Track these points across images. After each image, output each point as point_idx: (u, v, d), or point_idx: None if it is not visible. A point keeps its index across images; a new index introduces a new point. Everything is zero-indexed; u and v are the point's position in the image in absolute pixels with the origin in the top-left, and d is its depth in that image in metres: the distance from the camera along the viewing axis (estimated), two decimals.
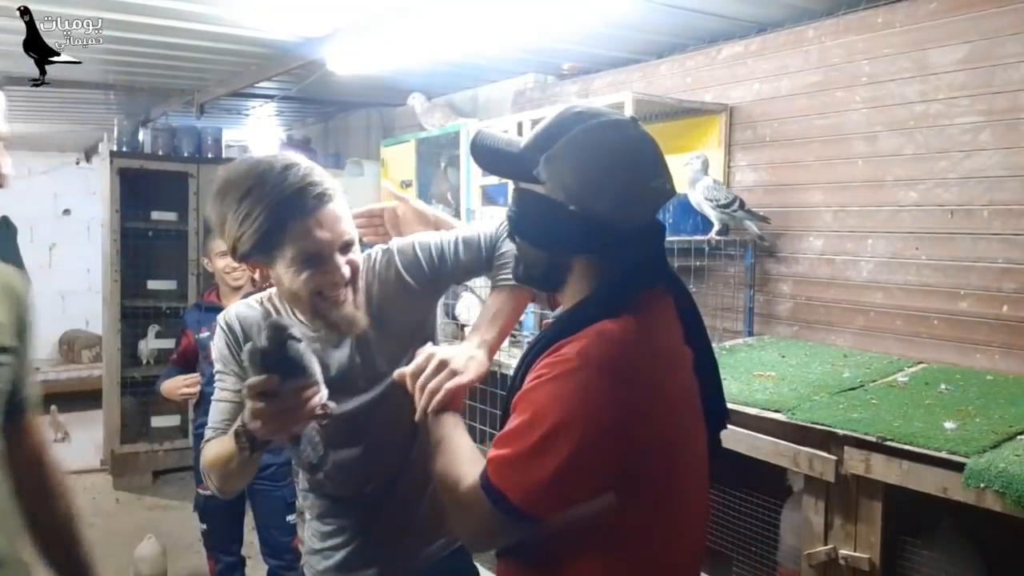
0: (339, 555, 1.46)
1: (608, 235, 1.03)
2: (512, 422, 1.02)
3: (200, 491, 3.00)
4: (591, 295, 1.07)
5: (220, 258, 2.95)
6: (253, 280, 2.97)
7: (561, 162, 1.03)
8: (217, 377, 1.37)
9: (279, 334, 1.11)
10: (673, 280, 1.13)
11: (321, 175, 1.26)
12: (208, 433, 1.35)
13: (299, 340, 1.14)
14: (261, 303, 1.42)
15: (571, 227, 1.03)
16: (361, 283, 1.38)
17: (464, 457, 1.11)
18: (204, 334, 3.00)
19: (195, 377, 2.97)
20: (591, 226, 1.02)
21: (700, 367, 1.12)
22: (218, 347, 1.37)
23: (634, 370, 1.00)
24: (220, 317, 1.41)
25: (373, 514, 1.44)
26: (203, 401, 2.99)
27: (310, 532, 1.52)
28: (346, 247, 1.29)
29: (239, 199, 1.22)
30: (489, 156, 1.12)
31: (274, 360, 1.11)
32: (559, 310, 1.17)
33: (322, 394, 1.18)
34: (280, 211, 1.20)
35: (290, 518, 3.05)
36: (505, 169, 1.15)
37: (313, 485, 1.47)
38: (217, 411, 1.34)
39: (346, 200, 1.31)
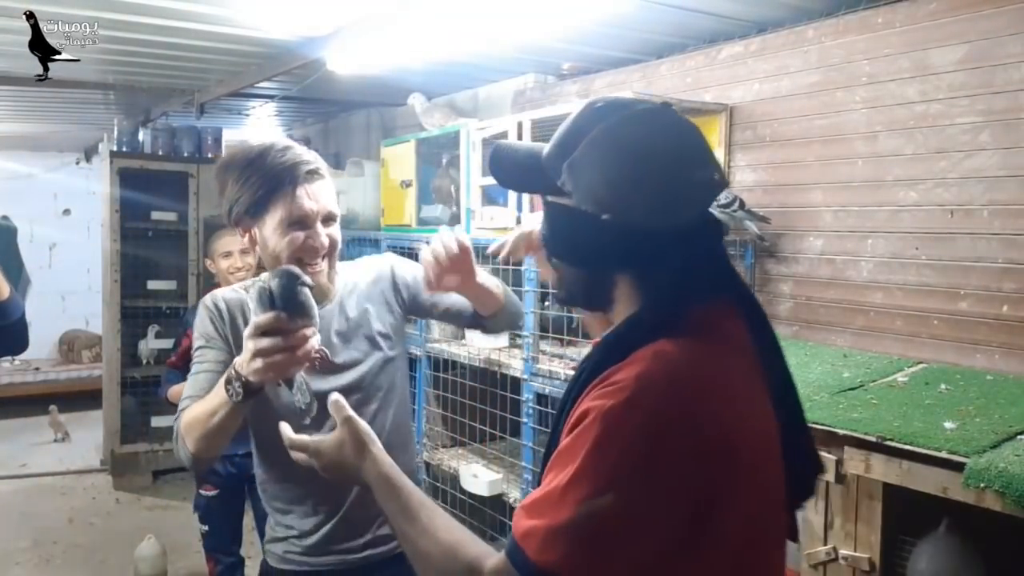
0: (308, 540, 1.52)
1: (650, 243, 0.89)
2: (553, 479, 0.83)
3: (201, 492, 3.00)
4: (638, 312, 0.92)
5: (224, 259, 2.96)
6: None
7: (585, 167, 0.90)
8: (198, 353, 1.46)
9: (291, 276, 1.20)
10: (742, 292, 0.96)
11: (314, 158, 1.46)
12: (186, 403, 1.38)
13: (310, 286, 1.23)
14: (245, 289, 1.51)
15: (606, 239, 0.90)
16: (353, 277, 1.57)
17: (462, 534, 0.94)
18: None
19: None
20: (629, 235, 0.89)
21: (777, 403, 0.93)
22: (201, 324, 1.47)
23: (707, 399, 0.84)
24: (204, 299, 1.51)
25: (337, 498, 1.51)
26: None
27: (272, 523, 1.59)
28: (328, 219, 1.45)
29: (241, 168, 1.42)
30: (509, 172, 1.02)
31: (284, 300, 1.18)
32: (605, 333, 1.04)
33: (318, 338, 1.25)
34: (273, 179, 1.40)
35: None
36: (528, 183, 1.04)
37: (280, 471, 1.54)
38: (197, 383, 1.40)
39: (333, 185, 1.49)
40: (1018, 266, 1.93)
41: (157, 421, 4.85)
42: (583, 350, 2.41)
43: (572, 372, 1.01)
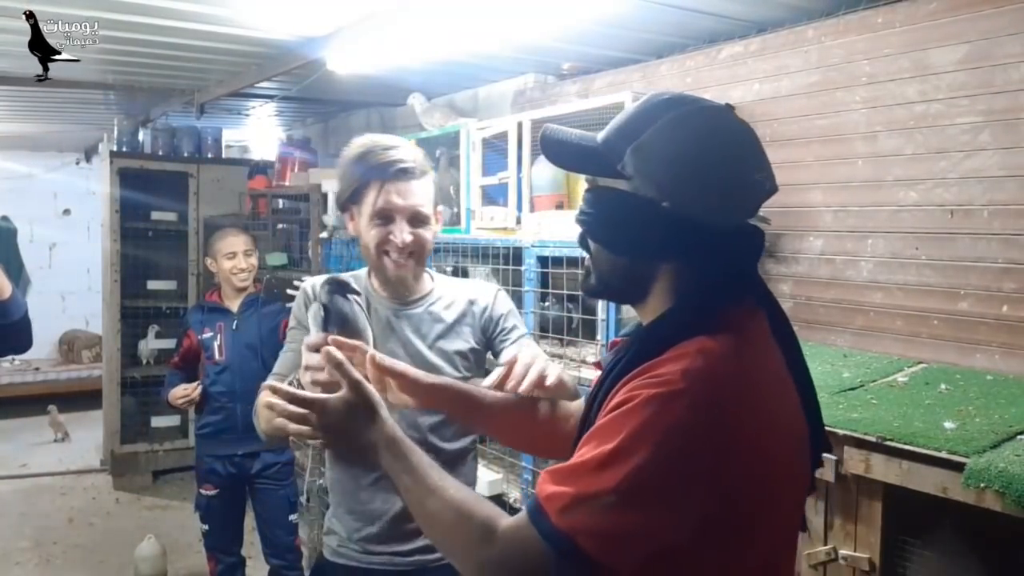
0: (361, 537, 1.60)
1: (704, 236, 0.89)
2: (588, 452, 0.84)
3: (202, 492, 3.01)
4: (679, 306, 0.92)
5: (227, 259, 2.96)
6: (256, 281, 3.01)
7: (652, 153, 0.89)
8: (289, 333, 1.63)
9: (332, 288, 1.22)
10: (765, 295, 0.97)
11: (415, 157, 1.54)
12: (270, 379, 1.54)
13: (356, 292, 1.24)
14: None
15: (662, 227, 0.90)
16: (452, 291, 1.63)
17: (473, 495, 0.94)
18: (207, 335, 3.01)
19: (194, 385, 2.97)
20: (685, 226, 0.89)
21: (803, 402, 0.95)
22: (295, 307, 1.63)
23: (749, 398, 0.85)
24: (303, 284, 1.66)
25: (392, 500, 1.56)
26: (205, 401, 3.01)
27: (330, 515, 1.67)
28: (415, 219, 1.54)
29: (352, 162, 1.54)
30: (562, 148, 0.99)
31: (327, 314, 1.20)
32: (626, 330, 1.04)
33: (366, 349, 1.21)
34: (369, 172, 1.51)
35: (292, 517, 3.05)
36: (581, 163, 0.99)
37: (347, 467, 1.62)
38: (283, 362, 1.59)
39: (433, 188, 1.58)
40: (1018, 266, 1.93)
41: (157, 421, 4.85)
42: (583, 350, 2.41)
43: (572, 372, 1.01)
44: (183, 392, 2.96)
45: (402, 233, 1.52)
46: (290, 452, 3.09)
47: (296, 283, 2.47)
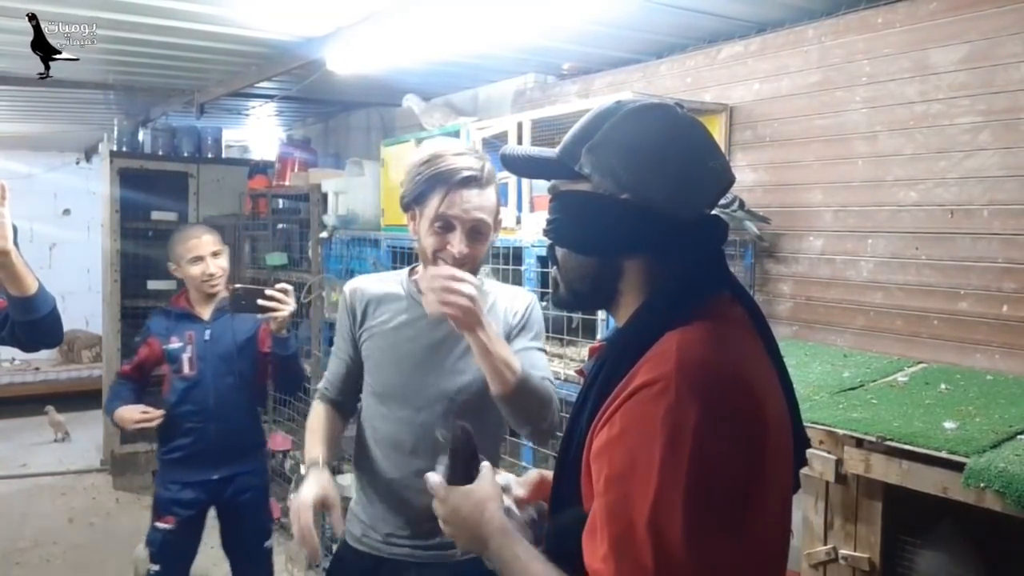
0: (384, 528, 1.68)
1: (667, 226, 0.90)
2: (621, 506, 0.80)
3: (158, 525, 2.61)
4: (652, 298, 0.92)
5: (193, 265, 2.61)
6: (228, 287, 2.61)
7: (607, 149, 0.91)
8: (336, 343, 1.77)
9: (467, 443, 1.07)
10: (739, 289, 0.97)
11: (481, 167, 1.54)
12: (321, 383, 1.79)
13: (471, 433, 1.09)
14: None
15: (625, 221, 0.91)
16: (496, 295, 1.68)
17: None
18: (175, 345, 2.62)
19: (157, 412, 2.54)
20: (647, 217, 0.90)
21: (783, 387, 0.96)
22: (339, 315, 1.77)
23: (743, 386, 0.84)
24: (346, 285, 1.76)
25: (416, 495, 1.58)
26: (168, 425, 2.59)
27: (355, 502, 1.77)
28: (473, 230, 1.54)
29: (418, 165, 1.56)
30: (523, 161, 1.03)
31: (453, 462, 1.07)
32: (606, 334, 1.03)
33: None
34: (433, 177, 1.53)
35: (267, 543, 2.77)
36: (542, 169, 1.03)
37: (374, 458, 1.70)
38: (331, 368, 1.78)
39: (496, 195, 1.59)
40: (1018, 266, 1.93)
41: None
42: (583, 350, 2.41)
43: (572, 372, 1.01)
44: (141, 416, 2.51)
45: (459, 244, 1.53)
46: (267, 476, 2.80)
47: (267, 292, 2.27)
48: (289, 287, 2.34)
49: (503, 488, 1.07)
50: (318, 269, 3.64)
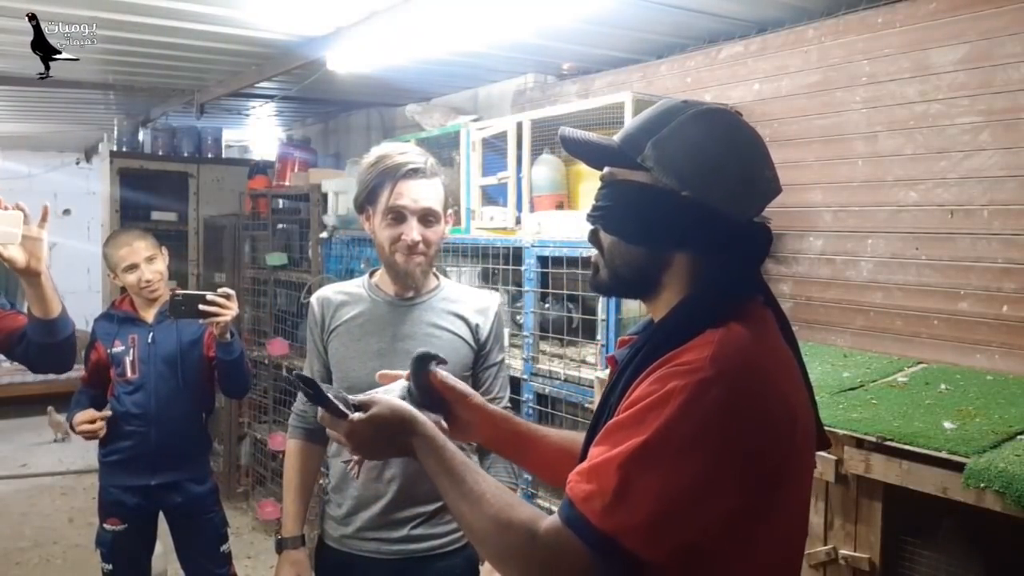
0: (352, 525, 1.71)
1: (720, 227, 0.93)
2: (618, 444, 0.85)
3: (106, 526, 2.59)
4: (699, 294, 0.95)
5: (129, 272, 2.57)
6: (172, 292, 2.50)
7: (674, 145, 0.93)
8: (309, 345, 1.82)
9: (421, 365, 1.18)
10: (770, 295, 1.01)
11: (424, 161, 1.65)
12: (292, 417, 1.85)
13: (443, 361, 1.20)
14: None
15: (680, 216, 0.93)
16: (460, 296, 1.76)
17: (512, 499, 0.94)
18: (118, 349, 2.58)
19: (101, 414, 2.52)
20: (704, 215, 0.92)
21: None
22: (309, 323, 1.81)
23: (777, 382, 0.89)
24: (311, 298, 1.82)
25: (380, 490, 1.70)
26: (110, 428, 2.55)
27: (328, 499, 1.79)
28: (424, 218, 1.64)
29: (367, 168, 1.68)
30: (583, 144, 1.03)
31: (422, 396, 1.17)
32: (635, 328, 1.06)
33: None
34: (382, 175, 1.64)
35: (224, 548, 2.72)
36: (602, 156, 1.03)
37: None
38: (309, 360, 1.82)
39: (443, 189, 1.69)
40: (1018, 266, 1.93)
41: None
42: (583, 350, 2.41)
43: (572, 372, 1.03)
44: (86, 419, 2.48)
45: (412, 232, 1.62)
46: (212, 480, 2.75)
47: (208, 297, 2.28)
48: (231, 291, 2.33)
49: (402, 397, 1.13)
50: (318, 269, 3.64)
